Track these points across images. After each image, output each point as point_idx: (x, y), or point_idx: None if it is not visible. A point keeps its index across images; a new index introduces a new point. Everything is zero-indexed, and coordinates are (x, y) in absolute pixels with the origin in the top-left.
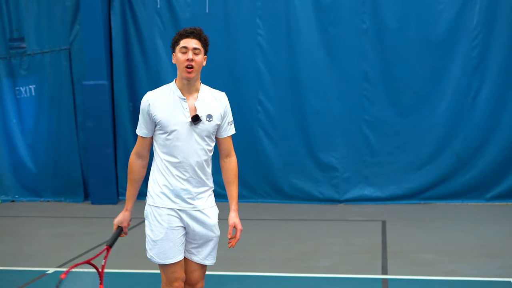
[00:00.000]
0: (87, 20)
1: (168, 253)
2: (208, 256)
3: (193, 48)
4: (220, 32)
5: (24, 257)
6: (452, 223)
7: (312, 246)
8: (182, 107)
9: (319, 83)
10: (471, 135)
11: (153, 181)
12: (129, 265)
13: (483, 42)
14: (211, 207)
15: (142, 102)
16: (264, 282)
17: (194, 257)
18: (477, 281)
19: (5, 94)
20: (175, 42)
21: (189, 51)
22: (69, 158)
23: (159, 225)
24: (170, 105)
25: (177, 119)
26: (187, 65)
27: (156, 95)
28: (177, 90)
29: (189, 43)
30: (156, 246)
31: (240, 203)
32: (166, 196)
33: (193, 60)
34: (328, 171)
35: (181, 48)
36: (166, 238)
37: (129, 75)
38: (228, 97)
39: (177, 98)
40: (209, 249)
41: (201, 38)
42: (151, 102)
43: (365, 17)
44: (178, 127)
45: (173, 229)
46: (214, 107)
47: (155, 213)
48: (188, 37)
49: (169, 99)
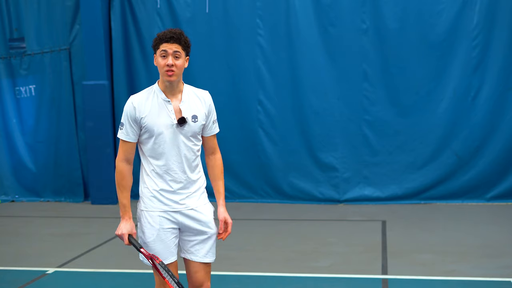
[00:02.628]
0: (87, 20)
1: (159, 254)
2: (207, 254)
3: (173, 52)
4: (220, 32)
5: (24, 257)
6: (452, 223)
7: (312, 246)
8: (167, 110)
9: (319, 83)
10: (471, 135)
11: (143, 186)
12: (129, 265)
13: (483, 42)
14: (204, 204)
15: (126, 106)
16: (264, 282)
17: (194, 257)
18: (477, 281)
19: (5, 94)
20: (156, 45)
21: (169, 56)
22: (69, 158)
23: (151, 226)
24: (155, 108)
25: (163, 122)
26: (167, 70)
27: (140, 99)
28: (161, 93)
29: (169, 47)
30: (148, 248)
31: (240, 203)
32: (157, 199)
33: (174, 65)
34: (328, 171)
35: (161, 52)
36: (158, 240)
37: (129, 75)
38: (228, 97)
39: (162, 100)
40: (208, 246)
41: (181, 42)
42: (136, 106)
43: (365, 17)
44: (164, 129)
45: (165, 230)
46: (198, 107)
47: (146, 215)
48: (168, 42)
49: (153, 102)
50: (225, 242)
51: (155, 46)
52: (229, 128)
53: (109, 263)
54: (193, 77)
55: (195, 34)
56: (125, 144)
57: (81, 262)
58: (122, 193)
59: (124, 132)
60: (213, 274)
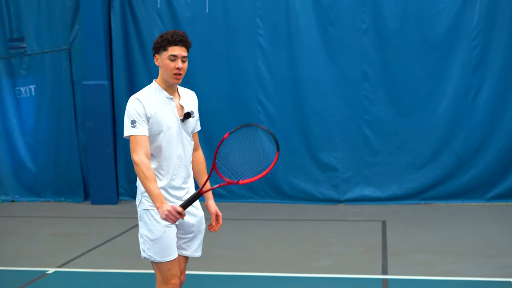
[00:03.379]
0: (87, 20)
1: (167, 250)
2: (197, 249)
3: (182, 56)
4: (220, 32)
5: (24, 257)
6: (452, 223)
7: (312, 246)
8: (170, 107)
9: (319, 83)
10: (471, 135)
11: None
12: (129, 265)
13: (483, 42)
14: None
15: (133, 104)
16: (264, 282)
17: (184, 252)
18: (477, 281)
19: (5, 94)
20: (161, 47)
21: (179, 59)
22: (69, 158)
23: (157, 223)
24: (161, 105)
25: (169, 119)
26: (176, 73)
27: (146, 97)
28: (163, 91)
29: (178, 51)
30: (155, 245)
31: (240, 203)
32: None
33: (183, 68)
34: (328, 171)
35: (170, 56)
36: (165, 236)
37: (129, 75)
38: (228, 97)
39: (165, 98)
40: (198, 241)
41: (188, 45)
42: (143, 103)
43: (365, 17)
44: (170, 126)
45: (170, 227)
46: (192, 104)
47: (152, 212)
48: (177, 45)
49: (158, 99)
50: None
51: (161, 47)
52: (229, 128)
53: (109, 263)
54: (193, 77)
55: (195, 34)
56: (142, 139)
57: (81, 262)
58: (152, 183)
59: (138, 128)
60: (213, 274)
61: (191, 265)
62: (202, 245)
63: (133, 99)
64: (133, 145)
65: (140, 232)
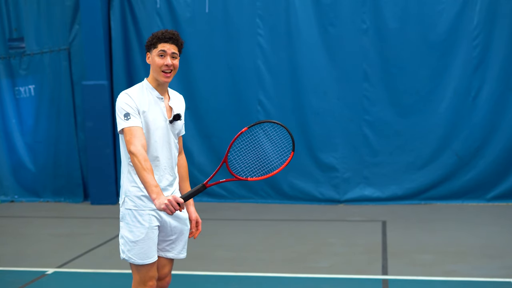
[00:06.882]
0: (87, 20)
1: (148, 252)
2: (182, 250)
3: (171, 52)
4: (220, 32)
5: (24, 257)
6: (452, 223)
7: (312, 247)
8: (160, 107)
9: (319, 83)
10: (471, 135)
11: (130, 185)
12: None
13: (483, 42)
14: None
15: (123, 98)
16: (264, 282)
17: (169, 254)
18: (477, 282)
19: (5, 94)
20: (152, 44)
21: (167, 56)
22: (69, 158)
23: (140, 225)
24: (152, 104)
25: (158, 118)
26: (165, 70)
27: (136, 93)
28: (154, 90)
29: (167, 47)
30: (136, 247)
31: (240, 203)
32: (148, 198)
33: (172, 64)
34: (328, 171)
35: (159, 51)
36: (147, 238)
37: (129, 75)
38: (228, 97)
39: (155, 98)
40: (182, 243)
41: (179, 44)
42: (134, 99)
43: (365, 17)
44: (158, 126)
45: (153, 229)
46: (180, 107)
47: (135, 213)
48: (167, 42)
49: (149, 98)
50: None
51: (151, 44)
52: (229, 128)
53: (109, 263)
54: (193, 77)
55: (195, 34)
56: (138, 130)
57: (81, 263)
58: (149, 174)
59: (132, 120)
60: (213, 274)
61: (191, 265)
62: (202, 245)
63: (124, 94)
64: (128, 137)
65: (120, 233)
